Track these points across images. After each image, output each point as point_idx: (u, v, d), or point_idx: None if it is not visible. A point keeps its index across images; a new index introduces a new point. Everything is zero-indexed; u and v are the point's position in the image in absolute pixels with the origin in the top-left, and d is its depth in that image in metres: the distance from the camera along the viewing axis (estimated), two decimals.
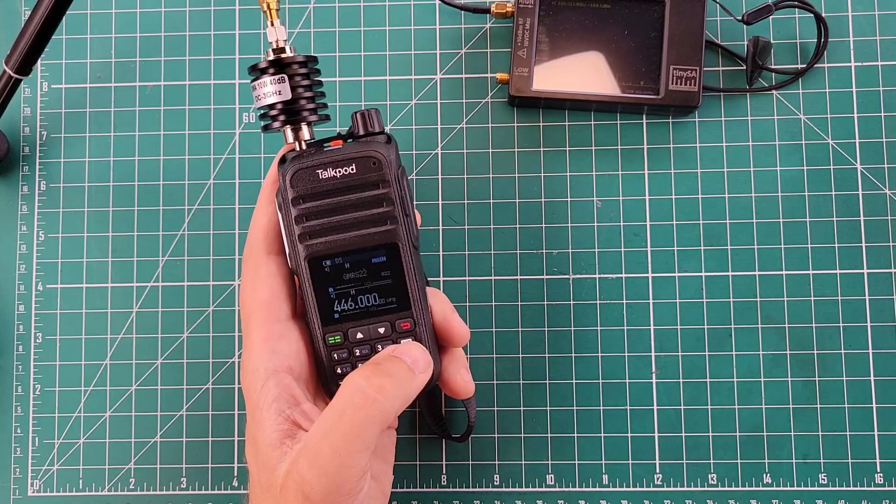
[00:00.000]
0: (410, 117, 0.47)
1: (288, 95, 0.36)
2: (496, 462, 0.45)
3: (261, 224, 0.37)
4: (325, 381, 0.37)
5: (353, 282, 0.36)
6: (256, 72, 0.36)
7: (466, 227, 0.46)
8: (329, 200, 0.36)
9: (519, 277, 0.46)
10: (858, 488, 0.44)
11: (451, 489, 0.45)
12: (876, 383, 0.45)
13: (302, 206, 0.36)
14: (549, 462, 0.45)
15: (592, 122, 0.46)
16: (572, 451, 0.45)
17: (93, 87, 0.48)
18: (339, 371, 0.36)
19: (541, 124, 0.46)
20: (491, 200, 0.46)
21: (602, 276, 0.46)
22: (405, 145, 0.47)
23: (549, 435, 0.45)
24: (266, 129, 0.37)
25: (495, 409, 0.45)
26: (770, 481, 0.44)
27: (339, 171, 0.35)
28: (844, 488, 0.44)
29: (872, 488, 0.44)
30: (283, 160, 0.37)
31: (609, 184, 0.46)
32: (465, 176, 0.46)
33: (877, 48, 0.46)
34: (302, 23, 0.48)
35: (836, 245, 0.45)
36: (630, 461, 0.45)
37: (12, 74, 0.43)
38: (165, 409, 0.46)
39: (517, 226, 0.46)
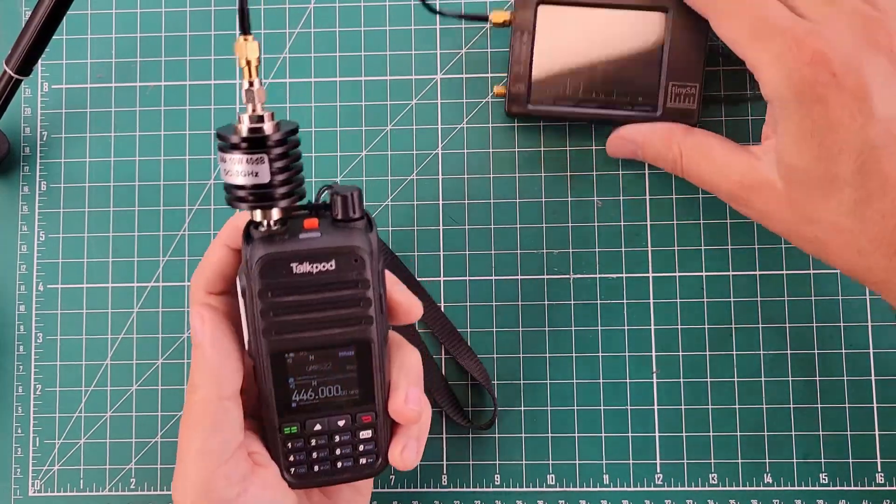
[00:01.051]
0: (411, 117, 0.47)
1: (265, 178, 0.31)
2: (497, 462, 0.45)
3: (211, 260, 0.36)
4: (280, 469, 0.35)
5: (316, 373, 0.34)
6: (226, 144, 0.31)
7: (467, 226, 0.46)
8: (302, 297, 0.32)
9: (519, 277, 0.46)
10: (859, 488, 0.44)
11: (451, 489, 0.45)
12: (877, 383, 0.44)
13: (270, 300, 0.32)
14: (550, 462, 0.45)
15: (593, 122, 0.46)
16: (573, 450, 0.45)
17: (93, 88, 0.48)
18: (292, 459, 0.35)
19: (541, 124, 0.46)
20: (491, 200, 0.46)
21: (602, 275, 0.46)
22: (405, 145, 0.47)
23: (550, 435, 0.45)
24: (231, 204, 0.32)
25: (496, 408, 0.45)
26: (771, 481, 0.44)
27: (317, 267, 0.32)
28: (845, 488, 0.44)
29: (873, 488, 0.44)
30: (247, 234, 0.33)
31: (610, 183, 0.46)
32: (466, 176, 0.46)
33: None
34: (302, 23, 0.48)
35: None
36: (631, 461, 0.45)
37: (13, 75, 0.43)
38: (166, 409, 0.46)
39: (517, 226, 0.46)
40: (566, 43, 0.42)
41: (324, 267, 0.32)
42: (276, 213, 0.32)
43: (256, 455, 0.35)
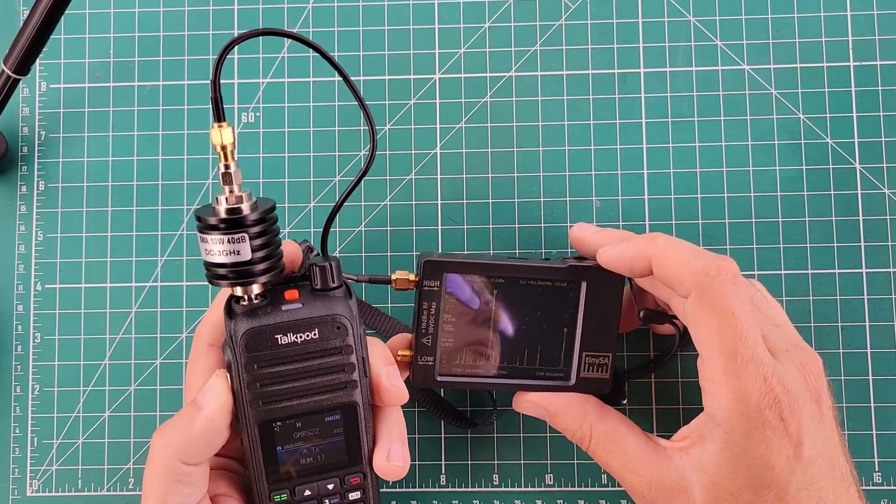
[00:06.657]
0: (409, 117, 0.47)
1: (247, 256, 0.33)
2: (495, 462, 0.45)
3: (211, 319, 0.37)
4: None
5: (304, 439, 0.35)
6: (206, 226, 0.33)
7: (466, 226, 0.46)
8: (288, 367, 0.34)
9: None
10: None
11: (450, 489, 0.45)
12: (874, 382, 0.45)
13: (256, 372, 0.33)
14: (549, 462, 0.45)
15: (591, 122, 0.46)
16: (571, 450, 0.45)
17: (91, 87, 0.48)
18: None
19: (539, 124, 0.46)
20: (490, 200, 0.46)
21: None
22: (404, 145, 0.47)
23: (548, 434, 0.45)
24: (212, 282, 0.34)
25: (495, 408, 0.45)
26: None
27: (301, 337, 0.33)
28: None
29: (871, 487, 0.44)
30: (229, 309, 0.34)
31: (608, 183, 0.46)
32: (465, 176, 0.46)
33: (875, 48, 0.46)
34: (301, 22, 0.48)
35: (835, 244, 0.45)
36: None
37: (10, 74, 0.43)
38: (164, 409, 0.46)
39: (516, 226, 0.46)
40: (476, 312, 0.40)
41: (308, 336, 0.33)
42: (256, 288, 0.34)
43: (223, 497, 0.36)
